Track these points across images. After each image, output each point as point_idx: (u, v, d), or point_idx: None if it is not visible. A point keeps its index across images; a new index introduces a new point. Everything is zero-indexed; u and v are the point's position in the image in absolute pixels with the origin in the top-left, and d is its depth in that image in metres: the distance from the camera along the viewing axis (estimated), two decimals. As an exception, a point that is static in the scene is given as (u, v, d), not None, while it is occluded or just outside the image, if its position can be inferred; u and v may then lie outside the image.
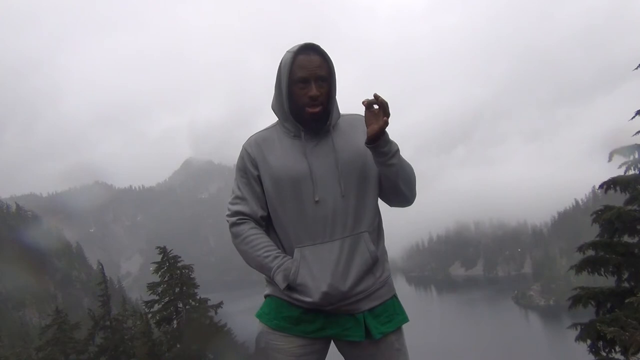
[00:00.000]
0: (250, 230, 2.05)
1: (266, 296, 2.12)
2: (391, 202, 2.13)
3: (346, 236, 1.98)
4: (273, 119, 2.13)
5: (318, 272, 1.95)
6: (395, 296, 2.12)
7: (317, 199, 1.96)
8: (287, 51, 2.00)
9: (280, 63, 2.00)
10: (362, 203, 2.02)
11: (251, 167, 2.06)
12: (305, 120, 1.98)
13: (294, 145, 2.02)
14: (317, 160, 1.99)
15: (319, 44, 1.97)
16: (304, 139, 2.01)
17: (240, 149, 2.11)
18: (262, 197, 2.06)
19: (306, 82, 1.94)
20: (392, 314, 2.08)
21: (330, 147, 2.01)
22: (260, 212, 2.06)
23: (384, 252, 2.12)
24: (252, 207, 2.06)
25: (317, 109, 1.96)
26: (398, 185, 2.02)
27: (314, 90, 1.93)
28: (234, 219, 2.08)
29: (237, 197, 2.09)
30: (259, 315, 2.11)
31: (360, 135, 2.03)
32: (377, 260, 2.03)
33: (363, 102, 1.87)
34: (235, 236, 2.08)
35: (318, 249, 1.97)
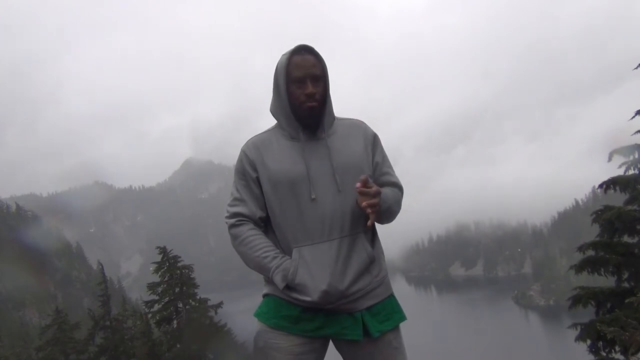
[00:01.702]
0: (249, 232, 2.06)
1: (265, 295, 2.13)
2: None
3: (344, 236, 2.00)
4: (273, 119, 2.15)
5: (317, 271, 1.96)
6: (392, 295, 2.14)
7: (313, 196, 1.99)
8: (282, 54, 2.06)
9: (277, 66, 2.06)
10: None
11: (250, 170, 2.08)
12: (303, 117, 2.02)
13: (291, 147, 2.05)
14: (314, 162, 2.03)
15: (313, 46, 2.04)
16: (302, 140, 2.04)
17: (239, 152, 2.13)
18: (261, 198, 2.08)
19: (302, 81, 2.00)
20: (390, 312, 2.09)
21: (327, 149, 2.05)
22: (259, 214, 2.09)
23: (381, 252, 2.15)
24: (250, 208, 2.08)
25: (314, 103, 2.01)
26: (381, 221, 2.13)
27: (310, 88, 1.99)
28: (232, 220, 2.10)
29: (235, 199, 2.11)
30: (258, 315, 2.12)
31: (357, 139, 2.10)
32: (374, 260, 2.06)
33: (357, 188, 1.91)
34: (234, 238, 2.10)
35: (316, 248, 1.99)
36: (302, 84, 2.00)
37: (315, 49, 2.04)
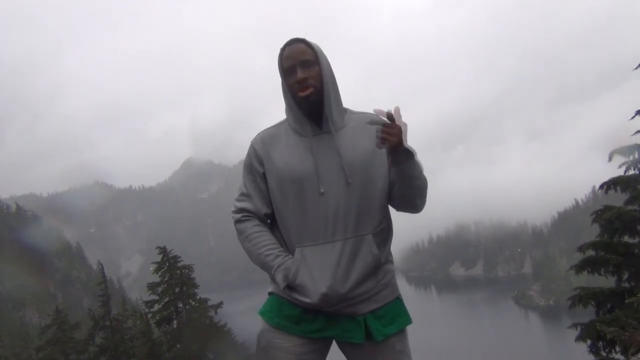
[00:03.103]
0: (253, 228, 2.05)
1: (269, 294, 2.12)
2: (399, 208, 2.10)
3: (348, 237, 1.96)
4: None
5: (318, 273, 1.94)
6: (399, 298, 2.11)
7: (322, 190, 1.95)
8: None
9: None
10: (367, 204, 2.00)
11: (257, 164, 2.06)
12: (302, 107, 1.98)
13: (300, 143, 2.01)
14: (323, 159, 1.98)
15: (305, 38, 2.00)
16: (310, 135, 2.00)
17: (248, 147, 2.11)
18: (267, 194, 2.07)
19: (293, 70, 1.97)
20: (395, 315, 2.06)
21: (337, 144, 2.00)
22: (264, 210, 2.07)
23: (389, 254, 2.10)
24: (256, 204, 2.07)
25: (307, 91, 1.96)
26: (409, 194, 2.02)
27: (299, 74, 1.95)
28: (238, 215, 2.09)
29: (242, 194, 2.10)
30: (262, 313, 2.11)
31: (370, 135, 1.99)
32: (380, 263, 2.01)
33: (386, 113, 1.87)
34: (239, 233, 2.09)
35: (319, 249, 1.96)
36: (293, 74, 1.97)
37: (307, 39, 2.00)
